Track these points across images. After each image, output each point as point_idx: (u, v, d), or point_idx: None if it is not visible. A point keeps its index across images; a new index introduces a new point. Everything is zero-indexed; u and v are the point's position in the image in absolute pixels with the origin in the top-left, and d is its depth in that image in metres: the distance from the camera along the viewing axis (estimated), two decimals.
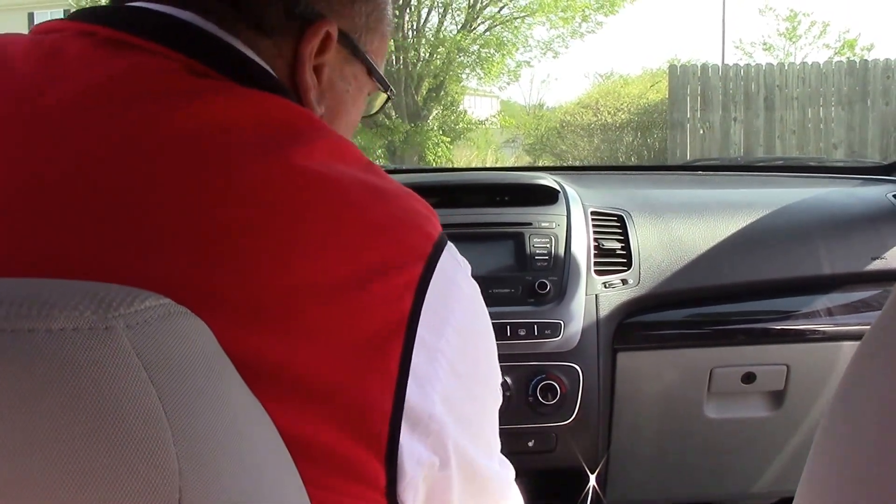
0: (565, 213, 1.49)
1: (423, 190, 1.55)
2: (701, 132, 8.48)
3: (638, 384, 1.49)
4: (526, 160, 10.93)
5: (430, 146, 8.96)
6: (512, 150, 11.93)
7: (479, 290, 0.65)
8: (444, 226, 1.53)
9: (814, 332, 1.51)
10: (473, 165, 10.58)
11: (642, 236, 1.51)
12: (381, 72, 0.76)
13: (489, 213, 1.50)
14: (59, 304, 0.40)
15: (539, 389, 1.38)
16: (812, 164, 2.15)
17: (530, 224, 1.47)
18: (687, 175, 1.94)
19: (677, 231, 1.53)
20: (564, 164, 8.42)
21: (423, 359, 0.55)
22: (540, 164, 10.27)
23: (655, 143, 9.43)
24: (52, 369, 0.39)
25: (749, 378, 1.51)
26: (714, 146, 8.44)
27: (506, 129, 11.32)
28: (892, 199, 1.64)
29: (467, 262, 0.64)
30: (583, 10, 9.21)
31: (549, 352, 1.39)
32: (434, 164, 9.11)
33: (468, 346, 0.61)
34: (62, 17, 0.69)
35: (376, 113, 0.83)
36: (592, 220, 1.51)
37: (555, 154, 10.00)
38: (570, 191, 1.56)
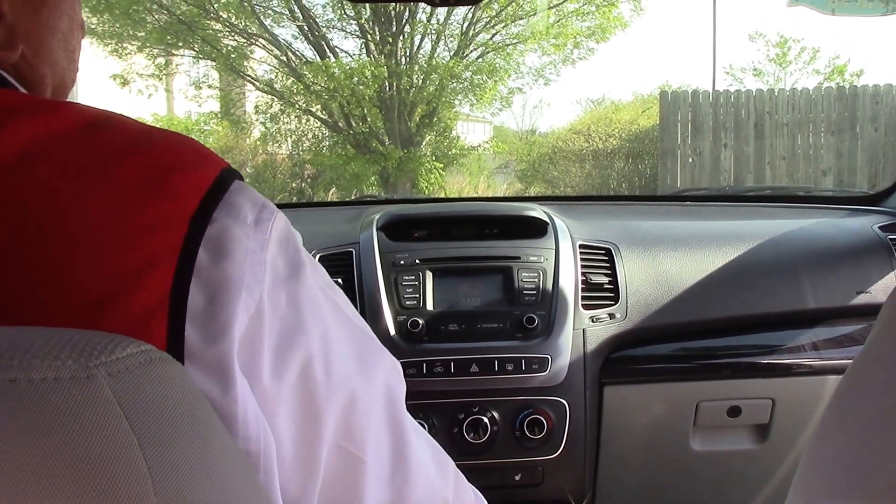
0: (554, 247, 1.50)
1: (414, 222, 1.57)
2: (691, 159, 8.54)
3: (625, 418, 1.49)
4: (518, 186, 10.96)
5: (423, 172, 9.00)
6: (504, 175, 11.98)
7: (297, 241, 0.53)
8: (435, 259, 1.52)
9: (799, 366, 1.52)
10: (466, 192, 10.65)
11: (630, 270, 1.53)
12: None
13: (478, 246, 1.51)
14: (40, 353, 0.40)
15: (526, 424, 1.38)
16: (800, 193, 2.17)
17: (519, 258, 1.48)
18: (676, 205, 1.96)
19: (664, 265, 1.55)
20: (555, 194, 8.47)
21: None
22: (532, 191, 10.32)
23: (647, 170, 9.48)
24: (34, 419, 0.39)
25: (735, 411, 1.51)
26: (704, 173, 8.50)
27: (498, 154, 11.39)
28: (878, 231, 1.66)
29: (271, 207, 0.51)
30: (574, 38, 9.30)
31: (537, 386, 1.40)
32: (427, 191, 9.15)
33: (295, 337, 0.51)
34: None
35: None
36: (581, 253, 1.52)
37: (546, 180, 10.04)
38: (559, 223, 1.57)
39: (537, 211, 1.59)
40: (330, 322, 0.54)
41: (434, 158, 9.24)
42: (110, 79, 9.43)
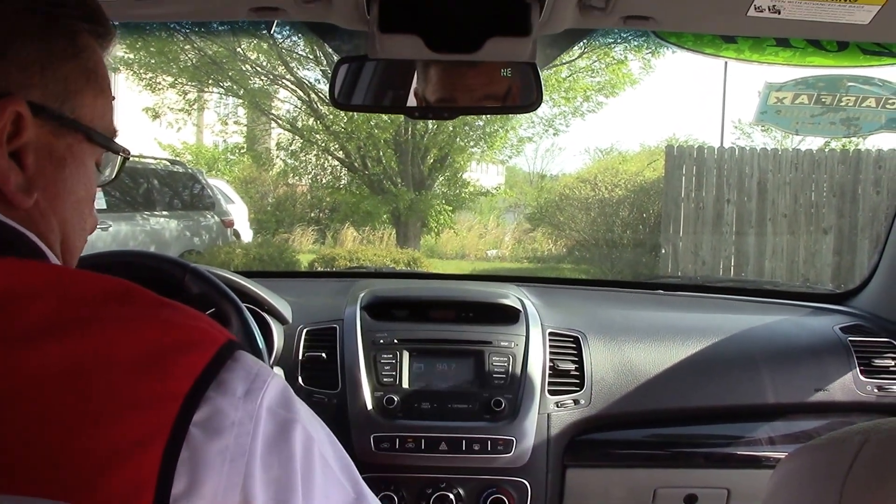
0: (524, 334, 1.58)
1: (394, 304, 1.66)
2: (694, 212, 8.64)
3: (585, 500, 1.57)
4: (525, 227, 11.21)
5: (433, 214, 9.34)
6: (513, 216, 12.21)
7: (292, 402, 0.56)
8: (412, 340, 1.60)
9: (755, 458, 1.60)
10: (475, 229, 10.91)
11: (596, 358, 1.61)
12: (109, 130, 0.67)
13: (453, 329, 1.60)
14: None
15: (489, 502, 1.46)
16: (768, 287, 2.26)
17: (490, 343, 1.56)
18: (648, 294, 2.04)
19: (630, 354, 1.63)
20: (535, 276, 8.67)
21: None
22: (538, 233, 10.47)
23: (651, 220, 9.62)
24: None
25: (691, 500, 1.58)
26: (707, 227, 8.59)
27: (508, 196, 11.65)
28: (838, 331, 1.73)
29: (264, 376, 0.55)
30: (584, 91, 9.55)
31: (501, 467, 1.48)
32: (435, 230, 9.47)
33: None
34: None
35: (116, 177, 0.72)
36: (550, 340, 1.61)
37: (553, 225, 10.23)
38: (532, 309, 1.66)
39: (511, 298, 1.67)
40: (318, 479, 0.57)
41: (444, 201, 9.50)
42: (143, 111, 9.85)
